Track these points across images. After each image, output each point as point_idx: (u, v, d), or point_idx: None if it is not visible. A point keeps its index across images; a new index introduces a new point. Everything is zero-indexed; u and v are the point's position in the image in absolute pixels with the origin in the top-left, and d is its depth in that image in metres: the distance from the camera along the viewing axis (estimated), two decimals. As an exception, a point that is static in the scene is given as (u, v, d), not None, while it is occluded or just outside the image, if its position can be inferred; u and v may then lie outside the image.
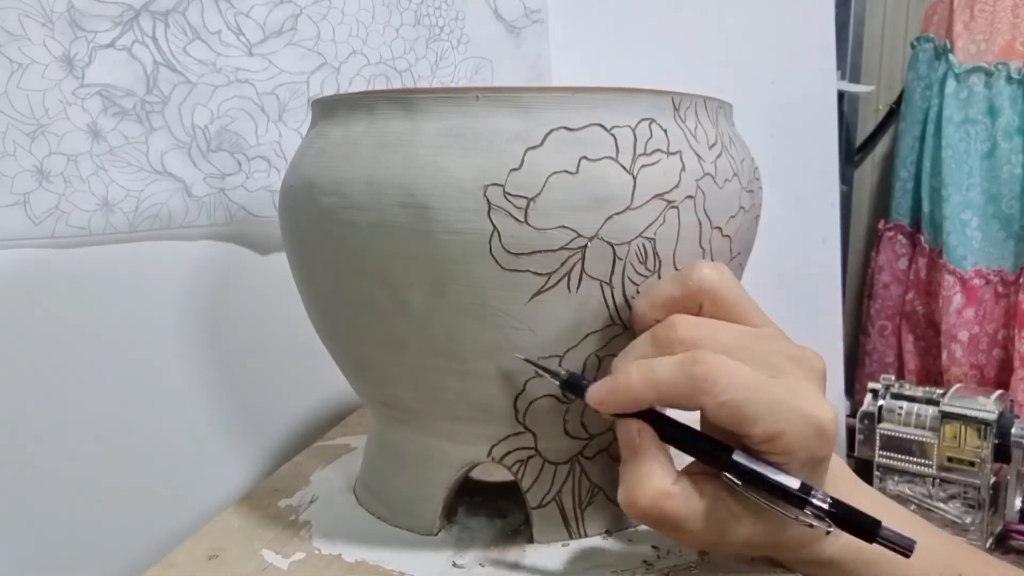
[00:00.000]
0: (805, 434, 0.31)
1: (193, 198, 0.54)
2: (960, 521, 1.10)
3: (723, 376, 0.31)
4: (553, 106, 0.35)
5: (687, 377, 0.31)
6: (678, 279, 0.35)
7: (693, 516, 0.33)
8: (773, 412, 0.31)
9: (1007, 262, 1.38)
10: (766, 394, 0.31)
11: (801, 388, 0.32)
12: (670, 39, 0.89)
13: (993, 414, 1.07)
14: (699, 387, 0.31)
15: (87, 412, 0.51)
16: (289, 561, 0.39)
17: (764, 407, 0.31)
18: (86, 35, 0.49)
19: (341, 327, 0.40)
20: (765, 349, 0.33)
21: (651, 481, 0.33)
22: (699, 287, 0.34)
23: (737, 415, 0.31)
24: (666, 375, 0.32)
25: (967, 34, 1.39)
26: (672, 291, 0.35)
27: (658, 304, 0.35)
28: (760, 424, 0.31)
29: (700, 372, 0.31)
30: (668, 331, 0.33)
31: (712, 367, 0.31)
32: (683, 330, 0.33)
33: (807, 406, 0.32)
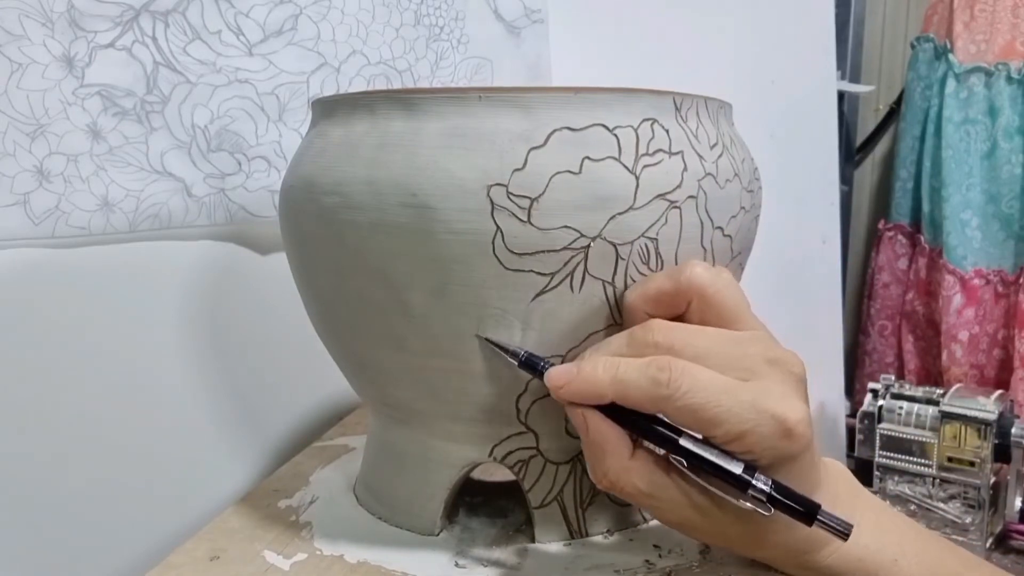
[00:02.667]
0: (771, 434, 0.32)
1: (193, 198, 0.54)
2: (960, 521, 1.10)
3: (685, 382, 0.32)
4: (555, 106, 0.35)
5: (649, 381, 0.32)
6: (670, 274, 0.35)
7: (660, 492, 0.34)
8: (736, 414, 0.32)
9: (1007, 262, 1.38)
10: (730, 397, 0.32)
11: (772, 390, 0.33)
12: (670, 39, 0.89)
13: (993, 414, 1.07)
14: (660, 392, 0.32)
15: (87, 412, 0.51)
16: (291, 562, 0.38)
17: (726, 410, 0.32)
18: (86, 35, 0.49)
19: (341, 327, 0.40)
20: (740, 353, 0.34)
21: (605, 460, 0.34)
22: (689, 284, 0.35)
23: (697, 418, 0.32)
24: (630, 376, 0.33)
25: (967, 34, 1.39)
26: (663, 285, 0.35)
27: (649, 297, 0.35)
28: (722, 426, 0.32)
29: (663, 378, 0.32)
30: (645, 334, 0.34)
31: (675, 374, 0.32)
32: (659, 334, 0.34)
33: (774, 407, 0.32)
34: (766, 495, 0.32)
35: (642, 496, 0.34)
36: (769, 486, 0.32)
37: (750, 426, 0.32)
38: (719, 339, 0.34)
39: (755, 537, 0.35)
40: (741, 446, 0.33)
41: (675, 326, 0.34)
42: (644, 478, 0.34)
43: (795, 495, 0.33)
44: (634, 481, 0.34)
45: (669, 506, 0.34)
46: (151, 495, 0.53)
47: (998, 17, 1.36)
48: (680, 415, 0.33)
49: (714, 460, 0.33)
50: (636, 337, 0.34)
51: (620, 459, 0.34)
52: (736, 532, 0.35)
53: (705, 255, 0.37)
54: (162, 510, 0.53)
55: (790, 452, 0.33)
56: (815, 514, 0.32)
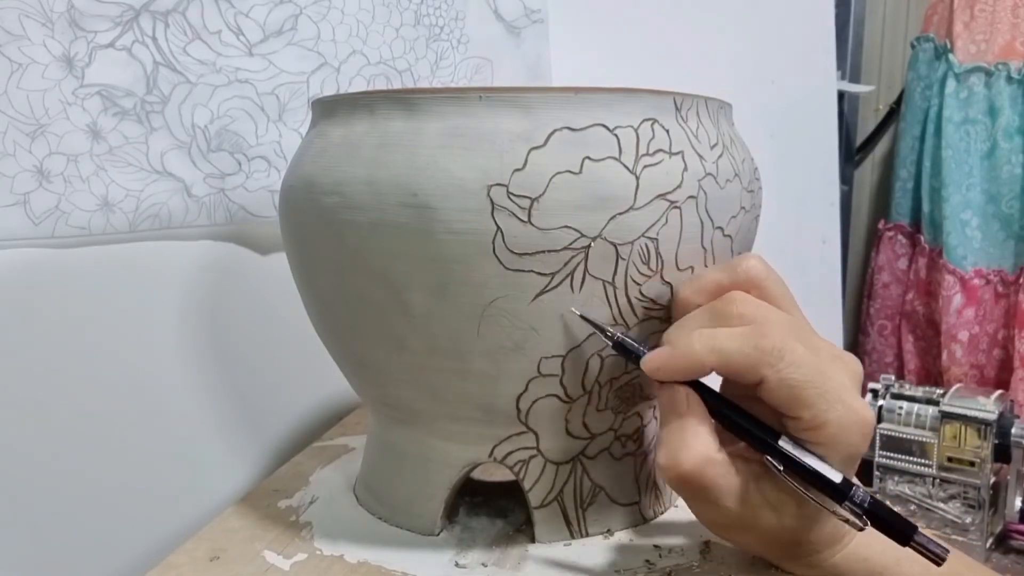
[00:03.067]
0: (850, 429, 0.32)
1: (193, 198, 0.54)
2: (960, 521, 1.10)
3: (788, 352, 0.32)
4: (556, 106, 0.35)
5: (753, 347, 0.32)
6: (726, 268, 0.35)
7: (729, 490, 0.33)
8: (826, 400, 0.32)
9: (1007, 262, 1.38)
10: (823, 381, 0.32)
11: (849, 387, 0.33)
12: (670, 39, 0.89)
13: (993, 414, 1.07)
14: (764, 359, 0.32)
15: (87, 412, 0.51)
16: (291, 562, 0.38)
17: (818, 393, 0.32)
18: (86, 35, 0.49)
19: (342, 327, 0.40)
20: (815, 343, 0.34)
21: (697, 445, 0.33)
22: (747, 276, 0.35)
23: (794, 394, 0.32)
24: (732, 344, 0.32)
25: (967, 34, 1.38)
26: (720, 278, 0.35)
27: (704, 291, 0.36)
28: (811, 409, 0.32)
29: (767, 345, 0.32)
30: (727, 305, 0.34)
31: (779, 341, 0.32)
32: (742, 305, 0.34)
33: (858, 404, 0.32)
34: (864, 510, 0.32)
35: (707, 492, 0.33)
36: (868, 501, 0.32)
37: (835, 416, 0.32)
38: (796, 323, 0.34)
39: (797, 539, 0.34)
40: (818, 435, 0.32)
41: (757, 301, 0.34)
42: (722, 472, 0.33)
43: (893, 512, 0.32)
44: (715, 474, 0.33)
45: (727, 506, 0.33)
46: (151, 495, 0.53)
47: (998, 17, 1.36)
48: (778, 389, 0.32)
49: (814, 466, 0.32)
50: (718, 310, 0.34)
51: (710, 447, 0.33)
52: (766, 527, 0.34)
53: (705, 255, 0.37)
54: (162, 510, 0.53)
55: (859, 450, 0.33)
56: (911, 535, 0.32)
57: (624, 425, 0.41)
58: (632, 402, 0.40)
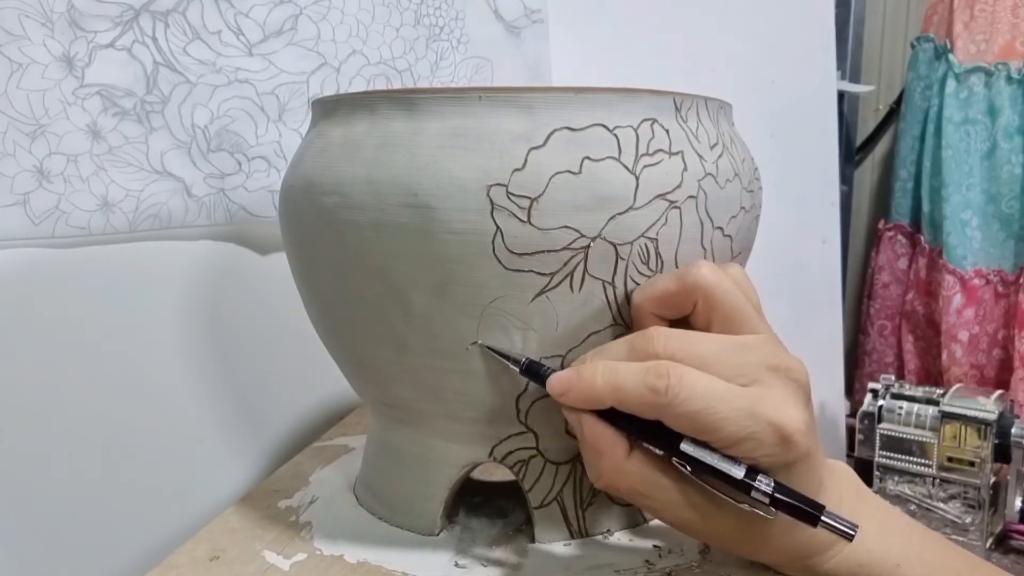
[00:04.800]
0: (768, 441, 0.32)
1: (193, 198, 0.54)
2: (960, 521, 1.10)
3: (683, 389, 0.32)
4: (555, 106, 0.35)
5: (646, 389, 0.32)
6: (676, 276, 0.35)
7: (658, 493, 0.34)
8: (733, 421, 0.32)
9: (1007, 262, 1.38)
10: (727, 404, 0.32)
11: (771, 397, 0.33)
12: (670, 39, 0.89)
13: (993, 414, 1.07)
14: (658, 400, 0.32)
15: (87, 412, 0.51)
16: (291, 562, 0.38)
17: (723, 416, 0.32)
18: (86, 35, 0.49)
19: (342, 327, 0.40)
20: (742, 360, 0.34)
21: (601, 461, 0.34)
22: (695, 285, 0.34)
23: (695, 424, 0.32)
24: (627, 383, 0.33)
25: (967, 34, 1.38)
26: (669, 286, 0.35)
27: (655, 298, 0.35)
28: (719, 432, 0.32)
29: (660, 385, 0.32)
30: (644, 343, 0.34)
31: (673, 380, 0.32)
32: (658, 343, 0.34)
33: (772, 414, 0.32)
34: (769, 497, 0.32)
35: (639, 496, 0.35)
36: (771, 487, 0.32)
37: (747, 433, 0.32)
38: (719, 345, 0.34)
39: (756, 540, 0.35)
40: (739, 452, 0.33)
41: (674, 334, 0.34)
42: (640, 479, 0.34)
43: (799, 496, 0.33)
44: (630, 482, 0.34)
45: (667, 507, 0.35)
46: (151, 495, 0.53)
47: (998, 17, 1.36)
48: (678, 421, 0.33)
49: (715, 464, 0.33)
50: (636, 345, 0.34)
51: (615, 460, 0.34)
52: (737, 534, 0.35)
53: (705, 255, 0.37)
54: (162, 510, 0.53)
55: (787, 459, 0.33)
56: (819, 515, 0.32)
57: (624, 425, 0.41)
58: (632, 402, 0.40)
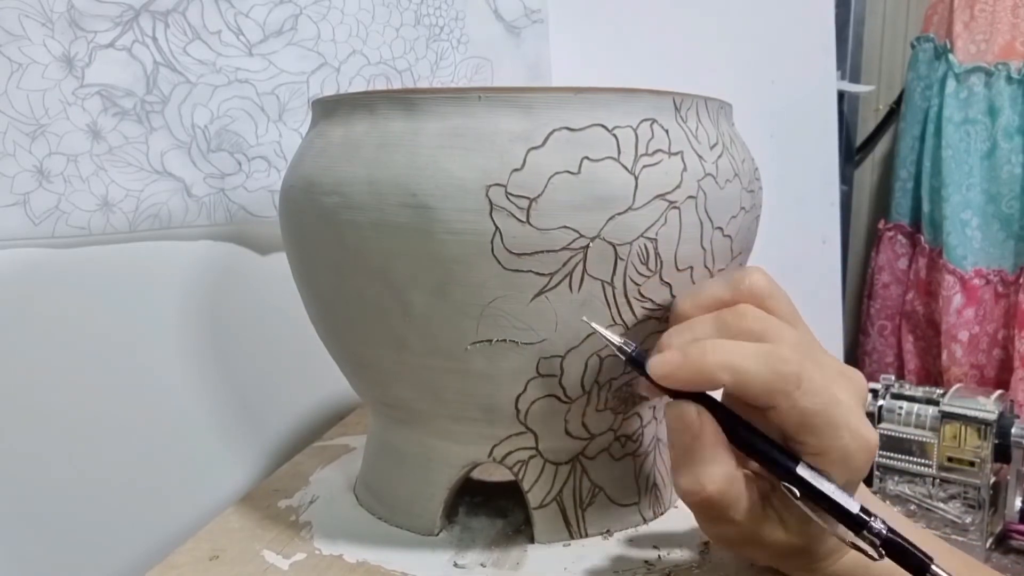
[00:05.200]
0: (855, 455, 0.31)
1: (193, 198, 0.54)
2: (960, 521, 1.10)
3: (805, 380, 0.30)
4: (555, 106, 0.35)
5: (772, 371, 0.31)
6: (727, 282, 0.34)
7: (745, 509, 0.32)
8: (833, 427, 0.31)
9: (1007, 262, 1.38)
10: (832, 409, 0.31)
11: (855, 408, 0.32)
12: (670, 39, 0.89)
13: (993, 414, 1.07)
14: (782, 386, 0.31)
15: (87, 412, 0.51)
16: (290, 562, 0.38)
17: (826, 421, 0.31)
18: (86, 35, 0.49)
19: (342, 327, 0.40)
20: (823, 359, 0.33)
21: (718, 468, 0.32)
22: (751, 291, 0.34)
23: (804, 422, 0.31)
24: (749, 364, 0.31)
25: (967, 34, 1.38)
26: (720, 293, 0.34)
27: (704, 305, 0.35)
28: (818, 436, 0.31)
29: (787, 371, 0.30)
30: (738, 319, 0.33)
31: (798, 367, 0.31)
32: (753, 321, 0.32)
33: (861, 426, 0.31)
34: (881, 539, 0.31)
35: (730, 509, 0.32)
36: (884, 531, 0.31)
37: (840, 444, 0.31)
38: (804, 343, 0.33)
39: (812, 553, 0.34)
40: (822, 461, 0.31)
41: (767, 316, 0.33)
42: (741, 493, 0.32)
43: (910, 543, 0.31)
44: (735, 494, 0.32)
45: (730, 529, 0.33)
46: (151, 495, 0.53)
47: (998, 17, 1.36)
48: (789, 416, 0.31)
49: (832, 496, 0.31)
50: (727, 322, 0.33)
51: (729, 467, 0.32)
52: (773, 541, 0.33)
53: (705, 255, 0.37)
54: (162, 510, 0.53)
55: (862, 474, 0.32)
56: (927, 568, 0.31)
57: (623, 425, 0.41)
58: (631, 402, 0.40)
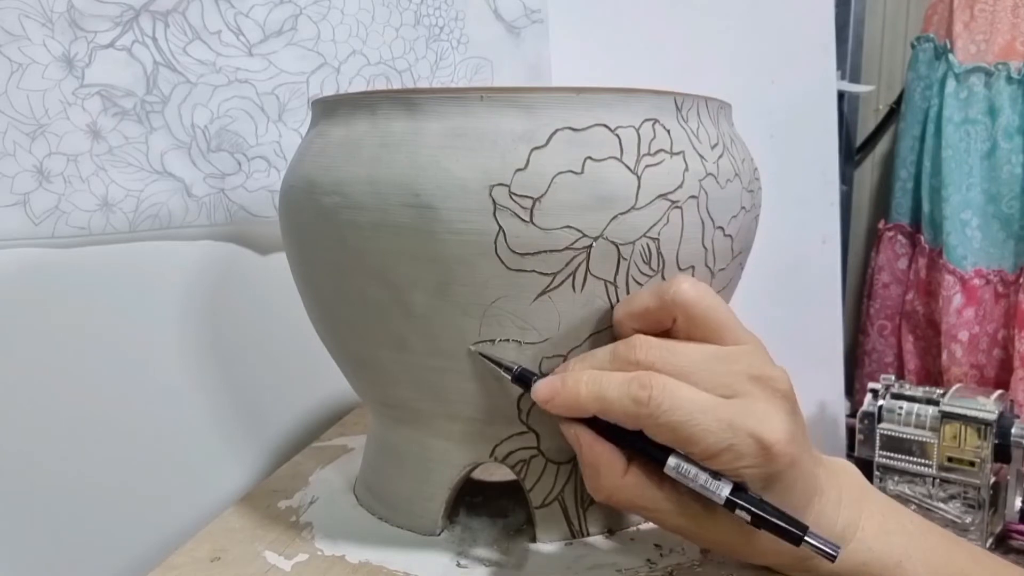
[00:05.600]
0: (749, 452, 0.32)
1: (193, 198, 0.54)
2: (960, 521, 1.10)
3: (666, 399, 0.32)
4: (557, 106, 0.34)
5: (629, 399, 0.33)
6: (655, 291, 0.35)
7: (655, 504, 0.35)
8: (714, 433, 0.32)
9: (1007, 262, 1.38)
10: (708, 416, 0.32)
11: (753, 408, 0.33)
12: (670, 39, 0.89)
13: (993, 414, 1.07)
14: (640, 411, 0.33)
15: (87, 412, 0.51)
16: (292, 563, 0.38)
17: (703, 429, 0.32)
18: (86, 35, 0.49)
19: (342, 327, 0.40)
20: (723, 370, 0.34)
21: (599, 478, 0.35)
22: (673, 301, 0.34)
23: (676, 435, 0.33)
24: (611, 393, 0.33)
25: (967, 34, 1.38)
26: (648, 302, 0.35)
27: (635, 313, 0.35)
28: (700, 444, 0.32)
29: (643, 396, 0.32)
30: (627, 350, 0.34)
31: (656, 391, 0.32)
32: (641, 352, 0.34)
33: (753, 426, 0.32)
34: (751, 515, 0.33)
35: (638, 508, 0.35)
36: (753, 508, 0.33)
37: (726, 444, 0.32)
38: (702, 355, 0.34)
39: (755, 545, 0.35)
40: (719, 464, 0.33)
41: (657, 343, 0.34)
42: (638, 493, 0.35)
43: (782, 515, 0.33)
44: (628, 496, 0.35)
45: (664, 516, 0.35)
46: (151, 495, 0.53)
47: (998, 17, 1.36)
48: (660, 432, 0.33)
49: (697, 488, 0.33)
50: (619, 353, 0.35)
51: (614, 477, 0.35)
52: (735, 540, 0.35)
53: (706, 255, 0.37)
54: (162, 510, 0.53)
55: (771, 471, 0.33)
56: (803, 535, 0.33)
57: (625, 425, 0.41)
58: (633, 402, 0.40)
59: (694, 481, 0.33)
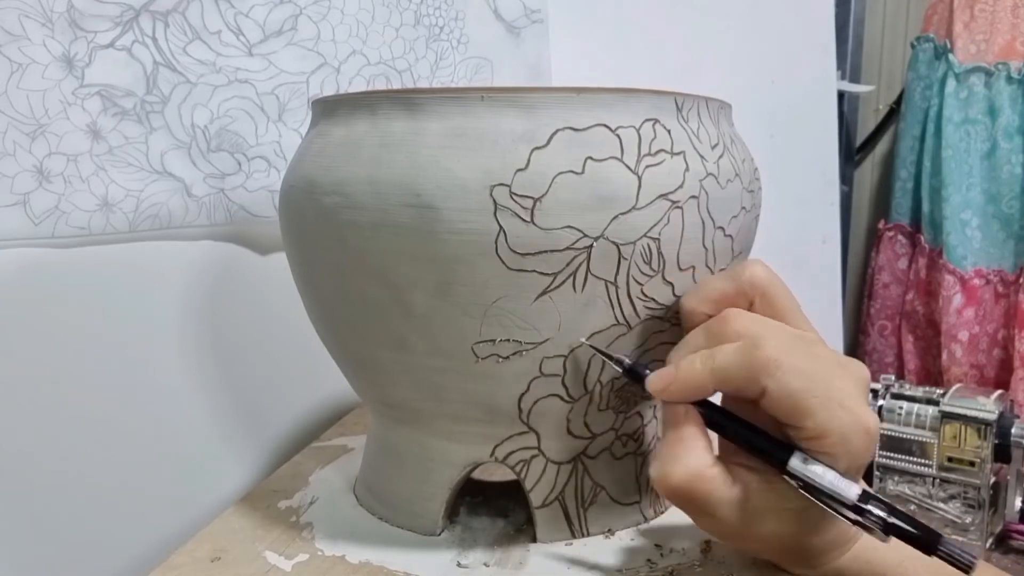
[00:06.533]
0: (854, 437, 0.31)
1: (193, 198, 0.54)
2: (960, 521, 1.10)
3: (784, 362, 0.31)
4: (558, 106, 0.35)
5: (749, 359, 0.32)
6: (730, 276, 0.35)
7: (724, 502, 0.33)
8: (828, 409, 0.31)
9: (1007, 262, 1.38)
10: (824, 390, 0.31)
11: (851, 392, 0.32)
12: (670, 39, 0.89)
13: (993, 414, 1.07)
14: (762, 371, 0.31)
15: (87, 412, 0.51)
16: (292, 563, 0.38)
17: (820, 402, 0.31)
18: (86, 35, 0.49)
19: (341, 327, 0.40)
20: (817, 351, 0.33)
21: (688, 459, 0.33)
22: (751, 284, 0.34)
23: (795, 404, 0.31)
24: (729, 361, 0.32)
25: (967, 34, 1.38)
26: (724, 287, 0.35)
27: (709, 299, 0.35)
28: (813, 418, 0.31)
29: (763, 356, 0.31)
30: (722, 325, 0.34)
31: (774, 352, 0.31)
32: (736, 323, 0.33)
33: (857, 409, 0.32)
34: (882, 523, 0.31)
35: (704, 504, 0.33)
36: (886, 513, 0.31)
37: (838, 424, 0.31)
38: (791, 334, 0.33)
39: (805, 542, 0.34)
40: (822, 444, 0.32)
41: (752, 316, 0.34)
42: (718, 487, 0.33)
43: (915, 523, 0.32)
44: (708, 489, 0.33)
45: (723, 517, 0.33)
46: (151, 495, 0.53)
47: (998, 17, 1.36)
48: (779, 399, 0.31)
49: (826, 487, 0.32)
50: (713, 330, 0.34)
51: (703, 462, 0.33)
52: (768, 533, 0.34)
53: (707, 255, 0.37)
54: (162, 510, 0.53)
55: (864, 458, 0.32)
56: (936, 544, 0.31)
57: (625, 425, 0.41)
58: (633, 402, 0.40)
59: (821, 478, 0.31)
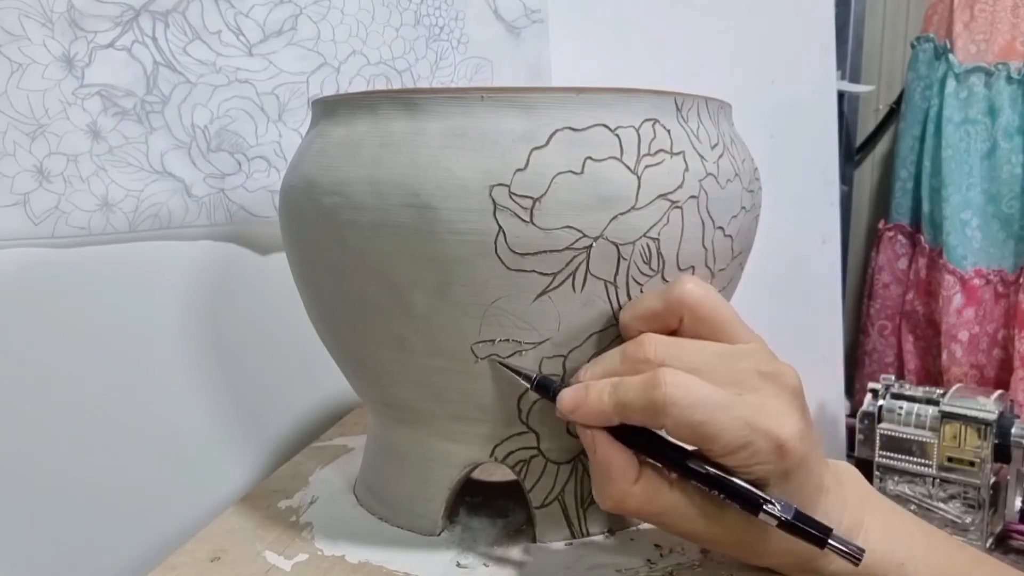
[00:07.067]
0: (764, 451, 0.32)
1: (193, 198, 0.54)
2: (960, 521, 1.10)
3: (681, 397, 0.32)
4: (557, 106, 0.35)
5: (647, 399, 0.33)
6: (661, 293, 0.35)
7: (668, 511, 0.35)
8: (732, 430, 0.32)
9: (1007, 262, 1.38)
10: (726, 413, 0.32)
11: (766, 405, 0.33)
12: (670, 39, 0.89)
13: (993, 414, 1.07)
14: (659, 410, 0.32)
15: (87, 412, 0.51)
16: (292, 563, 0.38)
17: (721, 426, 0.32)
18: (86, 35, 0.49)
19: (342, 327, 0.40)
20: (734, 367, 0.34)
21: (610, 485, 0.35)
22: (680, 301, 0.35)
23: (695, 433, 0.32)
24: (628, 397, 0.33)
25: (967, 34, 1.38)
26: (654, 304, 0.35)
27: (641, 316, 0.36)
28: (718, 441, 0.32)
29: (659, 396, 0.32)
30: (636, 349, 0.34)
31: (671, 390, 0.32)
32: (650, 350, 0.34)
33: (767, 423, 0.32)
34: (778, 519, 0.33)
35: (647, 515, 0.35)
36: (779, 511, 0.33)
37: (744, 442, 0.32)
38: (711, 353, 0.34)
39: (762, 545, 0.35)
40: (735, 460, 0.33)
41: (667, 340, 0.34)
42: (647, 500, 0.35)
43: (808, 519, 0.33)
44: (639, 503, 0.35)
45: (674, 520, 0.35)
46: (151, 495, 0.53)
47: (998, 17, 1.36)
48: (678, 430, 0.33)
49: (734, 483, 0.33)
50: (629, 353, 0.35)
51: (624, 483, 0.34)
52: (742, 542, 0.35)
53: (706, 255, 0.37)
54: (162, 510, 0.53)
55: (784, 468, 0.33)
56: (827, 538, 0.33)
57: (625, 425, 0.41)
58: (633, 402, 0.40)
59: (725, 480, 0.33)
